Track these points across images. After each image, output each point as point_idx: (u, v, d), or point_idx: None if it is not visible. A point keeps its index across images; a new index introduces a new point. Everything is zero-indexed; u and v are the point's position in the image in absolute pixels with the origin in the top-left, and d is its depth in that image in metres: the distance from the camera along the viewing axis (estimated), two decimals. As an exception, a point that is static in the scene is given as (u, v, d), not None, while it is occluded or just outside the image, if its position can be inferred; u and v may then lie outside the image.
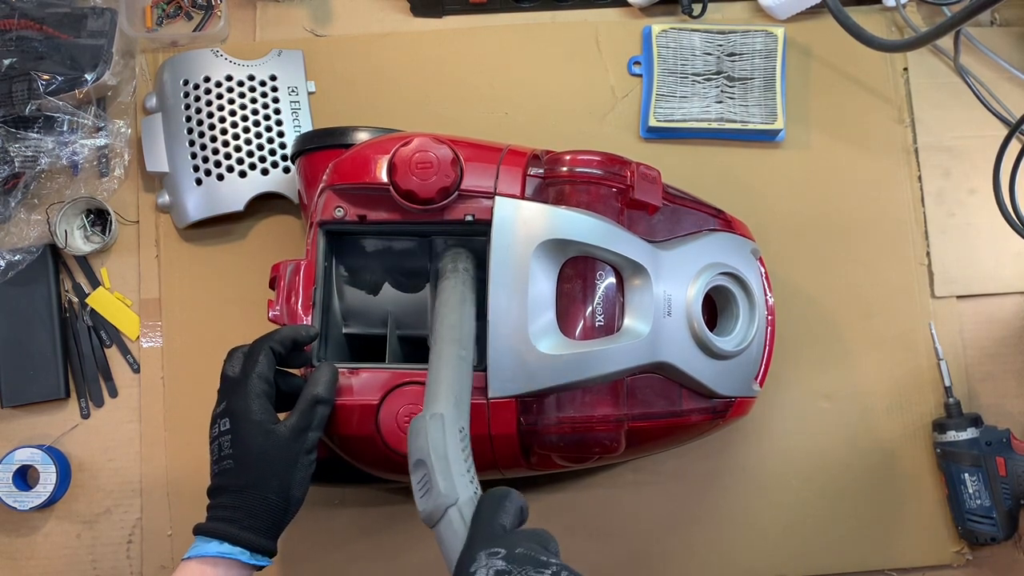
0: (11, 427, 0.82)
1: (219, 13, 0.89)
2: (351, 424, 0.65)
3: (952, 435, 0.80)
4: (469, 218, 0.67)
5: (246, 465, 0.58)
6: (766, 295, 0.75)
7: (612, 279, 0.67)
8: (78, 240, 0.85)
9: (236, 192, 0.82)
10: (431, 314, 0.70)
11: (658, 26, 0.87)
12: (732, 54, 0.86)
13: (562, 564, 0.44)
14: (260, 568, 0.58)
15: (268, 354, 0.62)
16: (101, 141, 0.85)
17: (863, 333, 0.85)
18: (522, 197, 0.67)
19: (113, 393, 0.83)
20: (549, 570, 0.43)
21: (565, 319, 0.65)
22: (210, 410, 0.61)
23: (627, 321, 0.66)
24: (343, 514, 0.81)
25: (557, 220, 0.65)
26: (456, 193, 0.66)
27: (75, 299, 0.85)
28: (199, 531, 0.57)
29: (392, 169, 0.66)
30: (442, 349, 0.59)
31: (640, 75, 0.89)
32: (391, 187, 0.66)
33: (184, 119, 0.82)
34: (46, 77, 0.80)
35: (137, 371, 0.84)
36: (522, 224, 0.65)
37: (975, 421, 0.80)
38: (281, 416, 0.62)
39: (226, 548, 0.56)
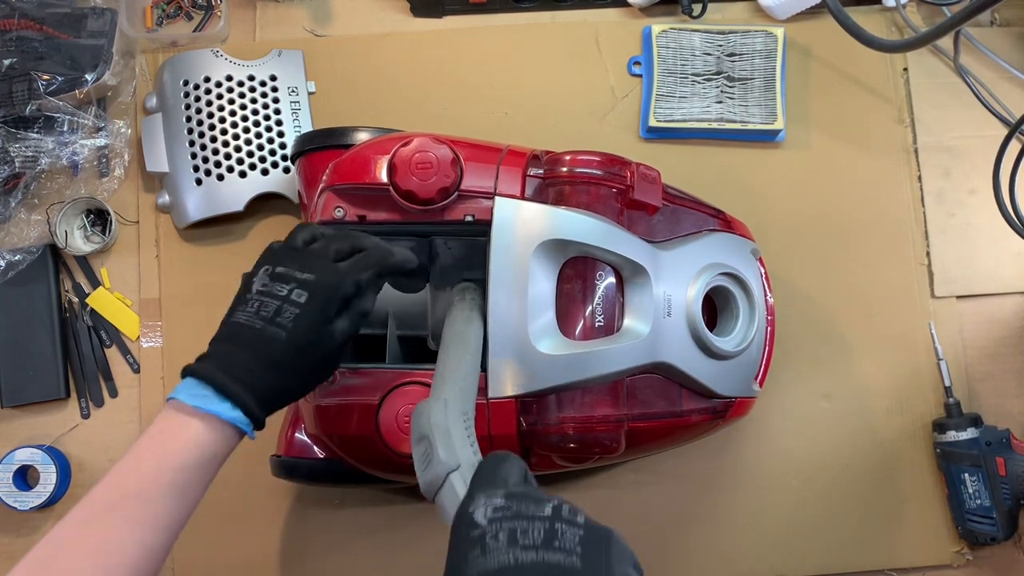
0: (11, 427, 0.82)
1: (219, 13, 0.89)
2: (351, 424, 0.65)
3: (952, 435, 0.80)
4: (469, 218, 0.67)
5: (294, 349, 0.53)
6: (766, 295, 0.75)
7: (612, 279, 0.67)
8: (78, 240, 0.85)
9: (236, 192, 0.82)
10: (431, 316, 0.71)
11: (658, 26, 0.87)
12: (732, 54, 0.86)
13: (562, 499, 0.43)
14: (239, 436, 0.54)
15: (342, 232, 0.58)
16: (101, 141, 0.85)
17: (863, 333, 0.85)
18: (522, 197, 0.67)
19: (113, 393, 0.83)
20: (550, 503, 0.42)
21: (565, 319, 0.65)
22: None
23: (627, 321, 0.66)
24: (343, 514, 0.81)
25: (557, 220, 0.65)
26: (456, 193, 0.66)
27: (75, 299, 0.85)
28: (189, 372, 0.53)
29: (392, 169, 0.66)
30: (449, 351, 0.59)
31: (640, 75, 0.89)
32: (391, 187, 0.66)
33: (184, 119, 0.82)
34: (46, 77, 0.80)
35: (137, 371, 0.84)
36: (522, 224, 0.65)
37: (975, 421, 0.80)
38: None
39: (204, 394, 0.51)
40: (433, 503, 0.48)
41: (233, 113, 0.83)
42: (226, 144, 0.82)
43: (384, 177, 0.67)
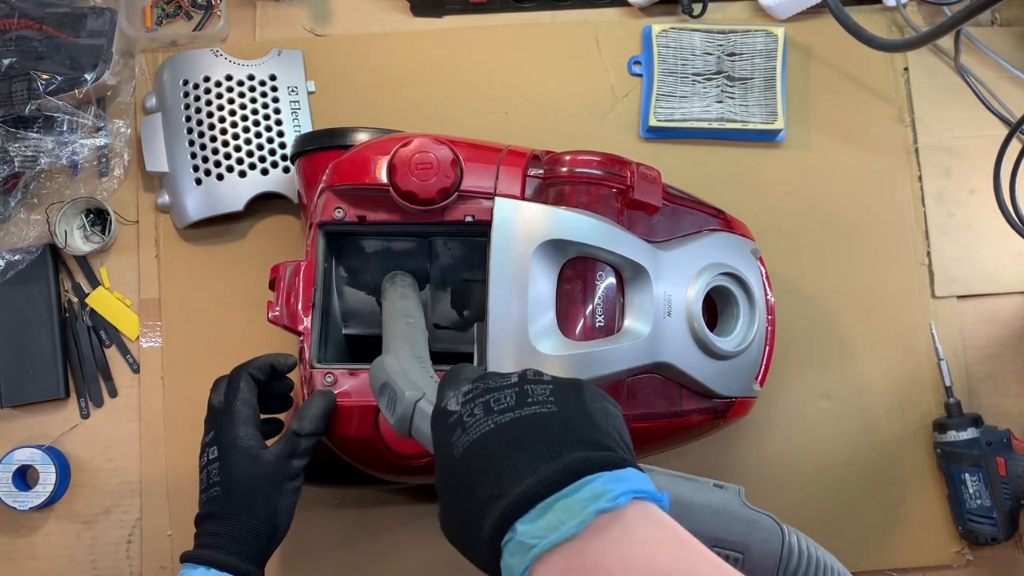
0: (11, 427, 0.82)
1: (219, 13, 0.89)
2: (351, 425, 0.65)
3: (952, 435, 0.80)
4: (469, 219, 0.67)
5: (233, 491, 0.58)
6: (766, 295, 0.75)
7: (612, 279, 0.67)
8: (78, 240, 0.85)
9: (236, 192, 0.82)
10: (430, 316, 0.71)
11: (658, 26, 0.87)
12: (732, 54, 0.86)
13: (526, 370, 0.44)
14: None
15: (248, 380, 0.63)
16: (101, 141, 0.85)
17: (863, 333, 0.85)
18: (522, 197, 0.67)
19: (113, 393, 0.83)
20: (515, 373, 0.44)
21: (565, 320, 0.65)
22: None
23: (627, 321, 0.66)
24: (343, 514, 0.81)
25: (557, 220, 0.65)
26: (456, 194, 0.66)
27: (75, 299, 0.85)
28: (186, 558, 0.58)
29: (392, 170, 0.66)
30: (390, 323, 0.63)
31: (640, 75, 0.88)
32: (391, 188, 0.66)
33: (184, 119, 0.82)
34: (46, 77, 0.80)
35: (137, 371, 0.84)
36: (522, 225, 0.65)
37: (975, 421, 0.80)
38: (270, 443, 0.62)
39: (211, 574, 0.56)
40: (410, 436, 0.49)
41: (233, 113, 0.83)
42: (226, 144, 0.82)
43: (384, 177, 0.67)
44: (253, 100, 0.84)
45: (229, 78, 0.84)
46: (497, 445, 0.40)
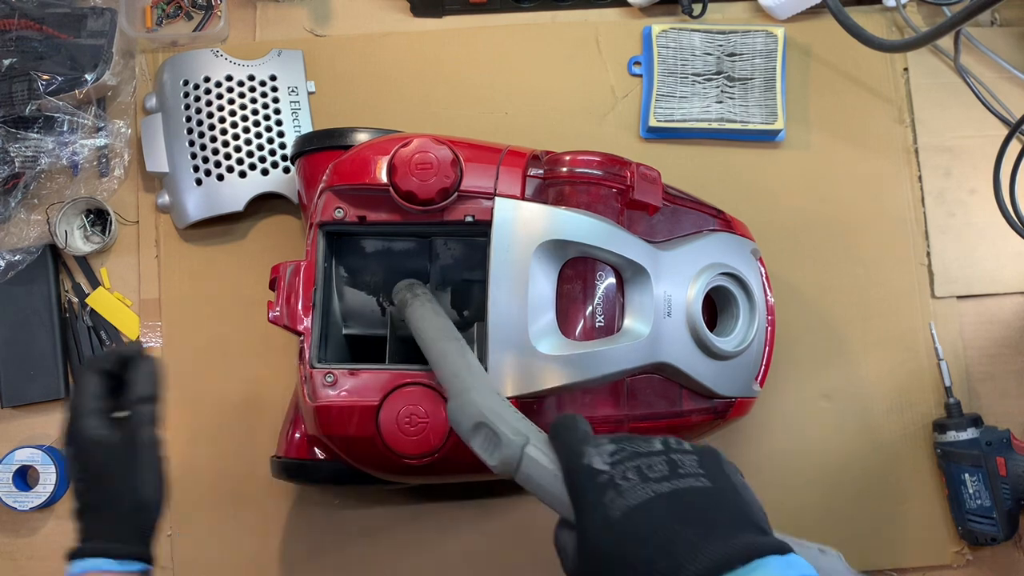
0: (11, 427, 0.82)
1: (219, 13, 0.89)
2: (351, 425, 0.65)
3: (952, 435, 0.80)
4: (469, 219, 0.67)
5: (90, 481, 0.58)
6: (766, 295, 0.75)
7: (612, 279, 0.67)
8: (78, 240, 0.85)
9: (236, 192, 0.82)
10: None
11: (658, 26, 0.87)
12: (732, 54, 0.86)
13: (666, 437, 0.46)
14: (141, 574, 0.58)
15: (88, 375, 0.61)
16: (101, 141, 0.85)
17: (863, 333, 0.85)
18: (522, 198, 0.67)
19: (113, 393, 0.83)
20: (655, 439, 0.45)
21: (565, 320, 0.65)
22: (209, 409, 0.61)
23: (627, 321, 0.66)
24: (343, 514, 0.81)
25: (557, 221, 0.65)
26: (456, 194, 0.66)
27: (75, 299, 0.85)
28: (70, 556, 0.57)
29: (392, 170, 0.66)
30: (439, 345, 0.60)
31: (640, 75, 0.89)
32: (391, 188, 0.66)
33: (184, 119, 0.82)
34: (46, 77, 0.80)
35: (137, 371, 0.84)
36: (522, 225, 0.65)
37: (975, 421, 0.80)
38: None
39: (91, 563, 0.55)
40: (513, 479, 0.49)
41: (233, 113, 0.83)
42: (226, 144, 0.82)
43: (384, 177, 0.67)
44: (253, 100, 0.84)
45: (229, 78, 0.84)
46: (664, 516, 0.41)
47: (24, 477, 0.80)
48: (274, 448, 0.75)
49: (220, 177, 0.82)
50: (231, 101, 0.83)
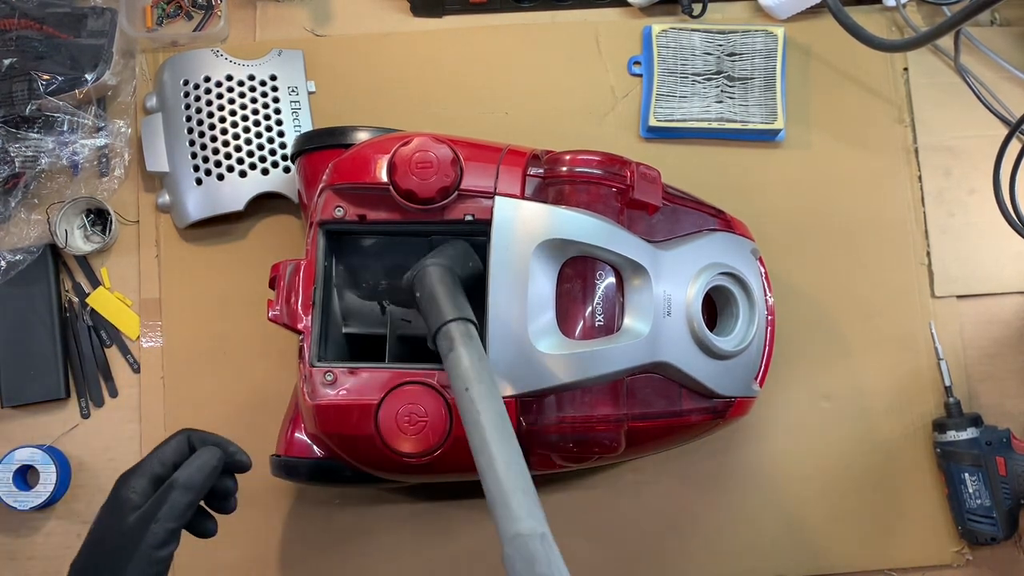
0: (11, 427, 0.82)
1: (219, 13, 0.89)
2: (350, 424, 0.65)
3: (952, 435, 0.80)
4: (469, 218, 0.67)
5: (88, 552, 0.52)
6: (766, 295, 0.75)
7: (612, 279, 0.67)
8: (78, 240, 0.85)
9: (236, 192, 0.82)
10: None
11: (658, 26, 0.87)
12: (732, 54, 0.86)
13: None
14: None
15: (182, 441, 0.56)
16: (101, 141, 0.85)
17: (863, 333, 0.85)
18: (522, 197, 0.67)
19: (113, 393, 0.83)
20: None
21: (565, 319, 0.65)
22: (210, 409, 0.60)
23: (627, 321, 0.66)
24: (343, 514, 0.81)
25: (557, 220, 0.65)
26: (456, 193, 0.66)
27: (75, 299, 0.85)
28: None
29: (392, 169, 0.66)
30: (495, 452, 0.50)
31: (640, 75, 0.89)
32: (391, 187, 0.66)
33: (184, 119, 0.82)
34: (46, 77, 0.80)
35: (137, 371, 0.84)
36: (522, 224, 0.65)
37: (975, 421, 0.80)
38: None
39: None
40: None
41: (233, 113, 0.83)
42: (226, 144, 0.82)
43: (384, 176, 0.67)
44: (253, 100, 0.84)
45: (229, 78, 0.84)
46: None
47: (24, 477, 0.80)
48: (274, 447, 0.75)
49: (220, 177, 0.82)
50: (231, 101, 0.83)
